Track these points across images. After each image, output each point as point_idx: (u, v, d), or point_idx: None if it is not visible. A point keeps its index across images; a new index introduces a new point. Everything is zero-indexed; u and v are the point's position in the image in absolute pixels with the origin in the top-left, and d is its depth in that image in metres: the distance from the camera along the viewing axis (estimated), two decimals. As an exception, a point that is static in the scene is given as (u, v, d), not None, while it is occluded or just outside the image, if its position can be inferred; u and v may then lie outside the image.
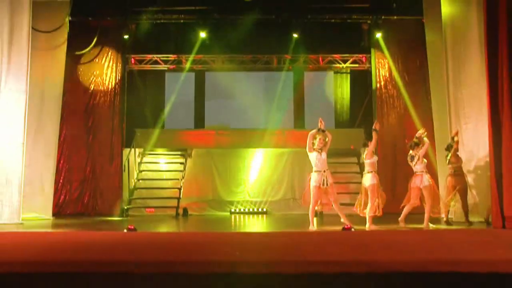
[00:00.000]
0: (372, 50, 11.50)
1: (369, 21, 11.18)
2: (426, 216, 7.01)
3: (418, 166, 7.06)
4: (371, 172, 7.00)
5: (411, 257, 2.94)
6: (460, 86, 8.08)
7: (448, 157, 7.53)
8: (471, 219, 7.37)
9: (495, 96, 6.68)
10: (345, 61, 12.07)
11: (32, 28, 8.18)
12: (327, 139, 6.87)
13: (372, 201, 6.89)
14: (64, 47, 9.76)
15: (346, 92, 12.23)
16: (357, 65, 12.06)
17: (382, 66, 11.35)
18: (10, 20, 7.92)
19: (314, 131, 6.85)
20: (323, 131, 6.86)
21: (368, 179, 6.97)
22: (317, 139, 6.80)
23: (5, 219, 7.63)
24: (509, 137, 6.53)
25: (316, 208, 7.11)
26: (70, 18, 9.56)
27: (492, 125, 6.72)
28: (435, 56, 9.09)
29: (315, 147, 6.80)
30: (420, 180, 6.99)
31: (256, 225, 8.63)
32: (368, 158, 7.03)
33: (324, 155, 6.83)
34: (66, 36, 9.69)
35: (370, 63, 11.81)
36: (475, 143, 7.76)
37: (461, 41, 8.11)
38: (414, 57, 10.50)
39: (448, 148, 7.59)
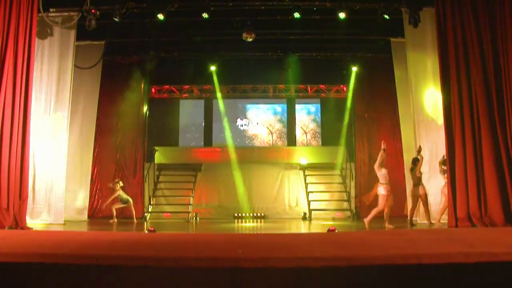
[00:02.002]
0: (351, 81, 11.59)
1: (348, 58, 11.31)
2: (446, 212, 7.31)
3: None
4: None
5: (383, 253, 2.96)
6: (422, 111, 8.21)
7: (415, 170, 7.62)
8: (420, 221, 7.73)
9: (449, 120, 6.91)
10: (329, 90, 12.21)
11: (75, 65, 8.38)
12: None
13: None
14: (98, 80, 9.93)
15: (330, 115, 12.28)
16: (339, 93, 12.17)
17: (360, 94, 11.42)
18: (59, 61, 8.17)
19: (381, 152, 7.19)
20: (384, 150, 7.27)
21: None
22: (384, 158, 7.19)
23: (50, 220, 7.79)
24: (460, 154, 6.67)
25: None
26: (104, 57, 9.77)
27: (448, 143, 6.86)
28: (402, 85, 9.17)
29: (382, 165, 7.16)
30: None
31: (255, 227, 8.61)
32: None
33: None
34: (100, 71, 9.90)
35: (350, 91, 11.93)
36: (435, 157, 7.88)
37: (421, 75, 8.30)
38: (386, 87, 10.51)
39: (414, 162, 7.63)
